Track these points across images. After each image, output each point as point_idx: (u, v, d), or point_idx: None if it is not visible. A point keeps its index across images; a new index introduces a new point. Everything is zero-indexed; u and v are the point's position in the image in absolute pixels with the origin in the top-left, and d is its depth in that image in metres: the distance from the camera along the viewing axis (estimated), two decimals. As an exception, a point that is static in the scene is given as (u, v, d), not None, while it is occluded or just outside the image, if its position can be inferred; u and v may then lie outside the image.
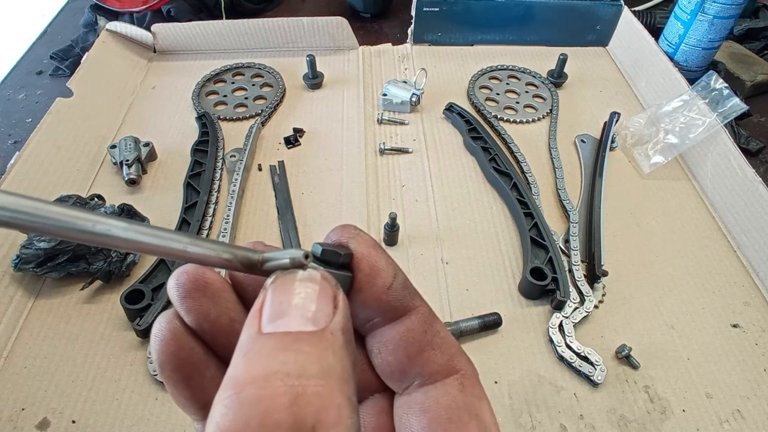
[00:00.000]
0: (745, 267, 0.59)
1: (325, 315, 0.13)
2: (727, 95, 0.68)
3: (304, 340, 0.12)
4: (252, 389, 0.10)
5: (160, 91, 0.82)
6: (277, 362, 0.11)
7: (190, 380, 0.16)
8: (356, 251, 0.16)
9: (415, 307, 0.16)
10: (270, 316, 0.12)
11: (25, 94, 0.84)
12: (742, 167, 0.61)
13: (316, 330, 0.12)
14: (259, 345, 0.12)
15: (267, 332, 0.12)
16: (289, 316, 0.12)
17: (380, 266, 0.16)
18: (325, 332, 0.12)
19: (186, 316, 0.16)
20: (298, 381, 0.10)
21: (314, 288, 0.13)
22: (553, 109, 0.78)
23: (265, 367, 0.11)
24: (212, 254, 0.14)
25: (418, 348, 0.16)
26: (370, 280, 0.16)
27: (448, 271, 0.58)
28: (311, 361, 0.11)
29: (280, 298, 0.13)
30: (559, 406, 0.48)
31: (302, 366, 0.11)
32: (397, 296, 0.16)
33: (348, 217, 0.63)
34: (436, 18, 0.88)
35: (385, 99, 0.77)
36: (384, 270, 0.16)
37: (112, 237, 0.13)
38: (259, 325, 0.12)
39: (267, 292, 0.14)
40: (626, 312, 0.55)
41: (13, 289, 0.54)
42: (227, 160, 0.69)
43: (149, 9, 0.93)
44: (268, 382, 0.10)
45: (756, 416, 0.47)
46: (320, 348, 0.12)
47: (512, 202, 0.63)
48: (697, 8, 0.80)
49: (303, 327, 0.12)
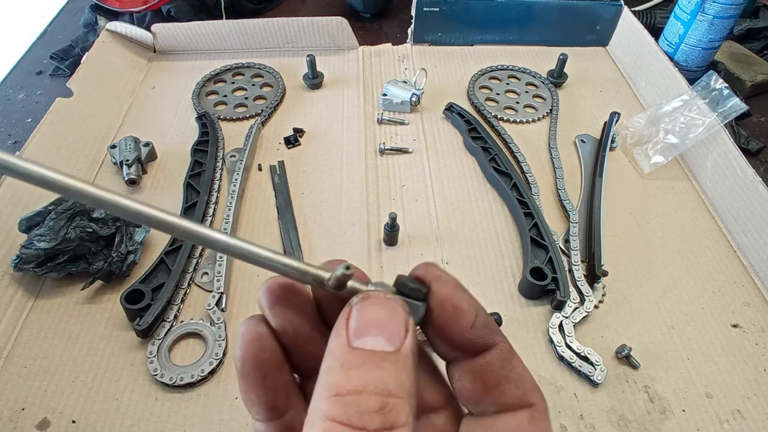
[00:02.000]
0: (745, 267, 0.59)
1: (400, 337, 0.15)
2: (727, 95, 0.68)
3: (387, 359, 0.15)
4: (353, 396, 0.14)
5: (160, 91, 0.82)
6: (369, 377, 0.14)
7: (266, 380, 0.18)
8: (440, 292, 0.18)
9: (495, 344, 0.18)
10: (355, 332, 0.15)
11: (25, 94, 0.84)
12: (742, 167, 0.61)
13: (393, 351, 0.15)
14: (351, 358, 0.15)
15: (356, 347, 0.15)
16: (372, 336, 0.15)
17: (463, 306, 0.18)
18: (399, 354, 0.15)
19: (273, 320, 0.18)
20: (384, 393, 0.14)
21: (391, 311, 0.16)
22: (553, 109, 0.78)
23: (361, 380, 0.14)
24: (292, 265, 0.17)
25: (495, 380, 0.18)
26: (453, 319, 0.18)
27: (448, 270, 0.58)
28: (392, 378, 0.14)
29: (363, 315, 0.16)
30: (559, 406, 0.48)
31: (386, 382, 0.14)
32: (479, 334, 0.18)
33: (348, 217, 0.63)
34: (436, 18, 0.88)
35: (385, 99, 0.77)
36: (466, 310, 0.18)
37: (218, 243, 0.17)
38: (347, 338, 0.15)
39: (352, 308, 0.16)
40: (626, 312, 0.55)
41: (13, 289, 0.54)
42: (227, 160, 0.69)
43: (149, 9, 0.93)
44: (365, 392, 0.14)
45: (756, 416, 0.47)
46: (397, 367, 0.15)
47: (512, 202, 0.63)
48: (697, 8, 0.80)
49: (384, 347, 0.15)
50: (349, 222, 0.63)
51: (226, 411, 0.47)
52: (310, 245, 0.60)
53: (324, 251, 0.60)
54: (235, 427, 0.46)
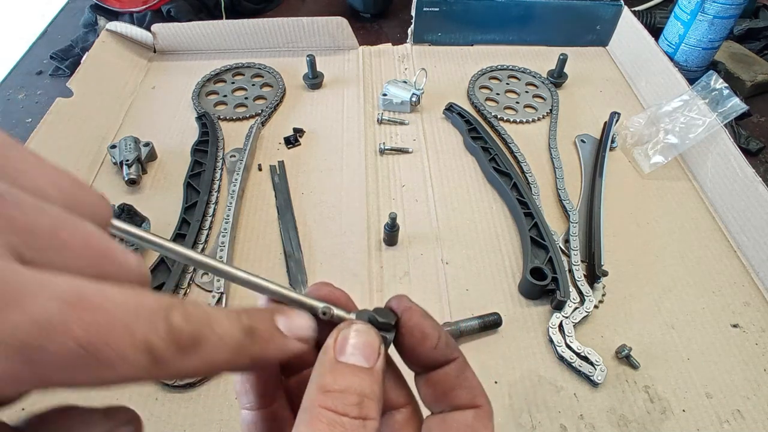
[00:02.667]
0: (745, 267, 0.59)
1: (374, 358, 0.20)
2: (727, 95, 0.68)
3: (364, 372, 0.20)
4: (339, 393, 0.19)
5: (160, 91, 0.82)
6: (351, 382, 0.19)
7: (261, 373, 0.22)
8: (410, 321, 0.22)
9: (454, 358, 0.23)
10: (340, 350, 0.20)
11: (25, 94, 0.84)
12: (742, 167, 0.61)
13: (369, 367, 0.20)
14: (337, 368, 0.20)
15: (341, 361, 0.20)
16: (353, 355, 0.20)
17: (428, 332, 0.22)
18: (373, 369, 0.20)
19: None
20: (361, 394, 0.19)
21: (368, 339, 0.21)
22: (553, 109, 0.78)
23: (345, 383, 0.19)
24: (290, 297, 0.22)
25: (450, 387, 0.22)
26: (421, 342, 0.22)
27: (448, 271, 0.58)
28: (367, 385, 0.20)
29: (347, 340, 0.21)
30: (559, 406, 0.48)
31: (363, 387, 0.19)
32: (441, 353, 0.22)
33: (348, 217, 0.63)
34: (436, 18, 0.88)
35: (385, 99, 0.77)
36: (431, 335, 0.22)
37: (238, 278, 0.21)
38: (335, 354, 0.20)
39: (339, 333, 0.21)
40: (626, 312, 0.55)
41: (13, 289, 0.54)
42: (227, 160, 0.69)
43: (149, 9, 0.93)
44: (347, 392, 0.19)
45: (756, 416, 0.47)
46: (371, 379, 0.20)
47: (512, 202, 0.63)
48: (697, 8, 0.80)
49: (362, 364, 0.20)
50: (349, 222, 0.63)
51: (226, 411, 0.47)
52: (310, 245, 0.60)
53: (324, 251, 0.60)
54: (235, 427, 0.46)
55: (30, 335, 0.13)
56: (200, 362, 0.17)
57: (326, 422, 0.18)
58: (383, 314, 0.22)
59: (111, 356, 0.15)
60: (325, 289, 0.23)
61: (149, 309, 0.16)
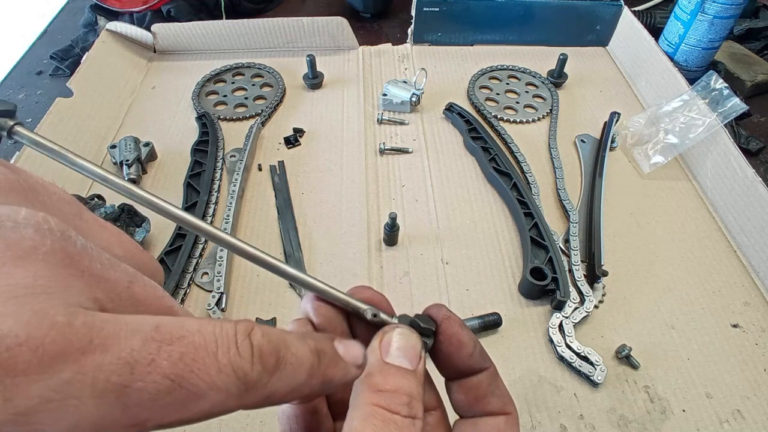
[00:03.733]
0: (745, 267, 0.59)
1: (416, 361, 0.22)
2: (727, 95, 0.68)
3: (410, 374, 0.21)
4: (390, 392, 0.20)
5: (160, 91, 0.82)
6: (400, 383, 0.21)
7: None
8: (449, 330, 0.24)
9: (487, 367, 0.24)
10: (386, 352, 0.21)
11: (25, 94, 0.84)
12: (742, 167, 0.61)
13: (412, 369, 0.21)
14: (386, 368, 0.21)
15: (388, 362, 0.21)
16: (398, 356, 0.21)
17: (464, 341, 0.24)
18: (416, 371, 0.21)
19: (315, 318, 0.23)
20: (409, 395, 0.20)
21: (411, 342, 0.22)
22: (553, 109, 0.78)
23: (395, 383, 0.20)
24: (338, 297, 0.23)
25: (483, 394, 0.24)
26: (458, 350, 0.24)
27: (448, 271, 0.58)
28: (413, 386, 0.21)
29: (392, 342, 0.22)
30: (559, 406, 0.48)
31: (410, 388, 0.21)
32: (475, 361, 0.24)
33: (348, 217, 0.63)
34: (436, 18, 0.88)
35: (385, 99, 0.77)
36: (467, 344, 0.24)
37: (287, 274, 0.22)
38: (381, 354, 0.21)
39: (384, 335, 0.22)
40: (626, 312, 0.55)
41: (13, 289, 0.54)
42: (227, 160, 0.69)
43: (149, 9, 0.93)
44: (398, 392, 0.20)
45: (756, 416, 0.47)
46: (416, 380, 0.21)
47: (512, 202, 0.63)
48: (697, 8, 0.80)
49: (407, 365, 0.21)
50: (349, 222, 0.63)
51: (226, 411, 0.47)
52: (310, 245, 0.60)
53: (324, 251, 0.60)
54: (236, 427, 0.46)
55: (119, 375, 0.13)
56: (285, 384, 0.17)
57: (380, 419, 0.19)
58: (424, 320, 0.24)
59: (199, 385, 0.15)
60: (366, 292, 0.24)
61: (229, 332, 0.16)
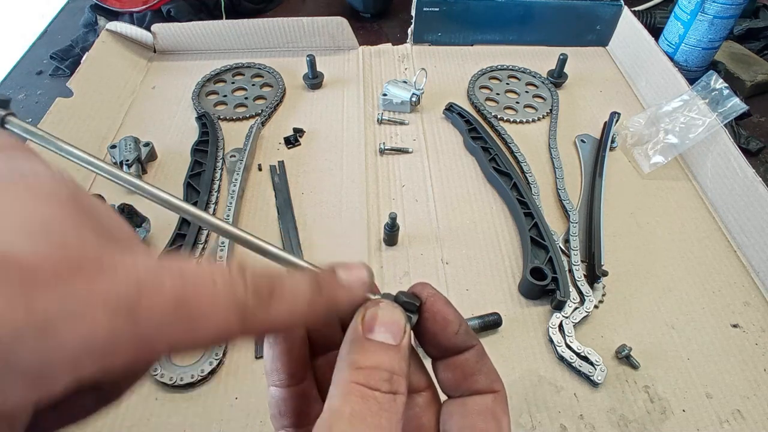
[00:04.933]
0: (745, 267, 0.59)
1: (400, 335, 0.21)
2: (727, 95, 0.68)
3: (391, 349, 0.20)
4: (370, 369, 0.20)
5: (160, 91, 0.82)
6: (381, 359, 0.20)
7: (291, 351, 0.24)
8: (434, 306, 0.23)
9: (473, 345, 0.24)
10: (368, 328, 0.21)
11: (25, 94, 0.84)
12: (742, 167, 0.61)
13: (396, 344, 0.21)
14: (366, 345, 0.20)
15: (369, 338, 0.21)
16: (381, 332, 0.21)
17: (450, 318, 0.23)
18: (400, 346, 0.21)
19: None
20: (391, 370, 0.20)
21: (394, 317, 0.22)
22: (553, 109, 0.78)
23: (376, 360, 0.20)
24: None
25: (470, 372, 0.23)
26: (443, 328, 0.23)
27: (448, 271, 0.58)
28: (395, 362, 0.20)
29: (375, 317, 0.21)
30: (559, 406, 0.48)
31: (392, 363, 0.20)
32: (461, 339, 0.23)
33: (348, 217, 0.63)
34: (436, 18, 0.88)
35: (385, 99, 0.77)
36: (453, 321, 0.23)
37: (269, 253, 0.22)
38: (363, 331, 0.21)
39: (367, 311, 0.21)
40: (626, 312, 0.55)
41: (13, 289, 0.54)
42: (227, 160, 0.69)
43: (149, 9, 0.93)
44: (378, 368, 0.20)
45: (756, 416, 0.47)
46: (399, 355, 0.21)
47: (512, 202, 0.63)
48: (697, 8, 0.80)
49: (389, 341, 0.21)
50: (349, 222, 0.63)
51: (226, 411, 0.47)
52: (310, 245, 0.60)
53: (324, 251, 0.60)
54: (235, 427, 0.46)
55: (129, 294, 0.15)
56: (285, 312, 0.18)
57: (359, 396, 0.19)
58: (408, 297, 0.23)
59: (202, 309, 0.16)
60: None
61: (223, 269, 0.17)
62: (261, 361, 0.50)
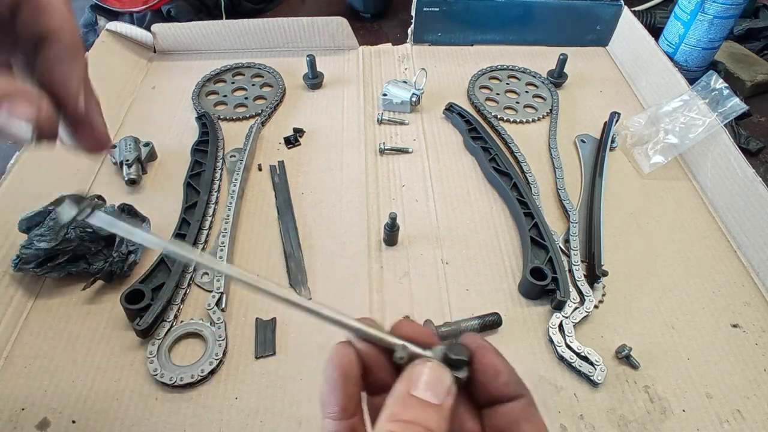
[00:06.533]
0: (745, 267, 0.59)
1: (443, 395, 0.23)
2: (727, 95, 0.68)
3: (432, 408, 0.22)
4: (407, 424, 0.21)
5: (160, 91, 0.82)
6: (418, 415, 0.22)
7: (346, 386, 0.25)
8: (484, 358, 0.25)
9: (522, 395, 0.25)
10: (414, 385, 0.23)
11: (25, 94, 0.84)
12: (742, 167, 0.61)
13: (437, 403, 0.22)
14: (408, 400, 0.22)
15: (413, 394, 0.22)
16: (424, 390, 0.22)
17: (500, 368, 0.24)
18: (441, 406, 0.22)
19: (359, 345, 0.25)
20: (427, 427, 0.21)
21: (440, 377, 0.23)
22: (553, 109, 0.78)
23: (414, 415, 0.22)
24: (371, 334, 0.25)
25: (516, 420, 0.24)
26: (494, 378, 0.24)
27: (448, 271, 0.58)
28: (433, 420, 0.22)
29: (421, 375, 0.23)
30: (559, 406, 0.48)
31: (429, 421, 0.22)
32: (512, 389, 0.24)
33: (348, 217, 0.63)
34: (436, 18, 0.88)
35: (385, 99, 0.77)
36: (503, 371, 0.24)
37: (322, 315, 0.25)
38: (408, 387, 0.23)
39: (414, 368, 0.23)
40: (626, 312, 0.55)
41: (13, 289, 0.54)
42: (227, 160, 0.69)
43: (149, 9, 0.93)
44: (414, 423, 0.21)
45: (756, 416, 0.47)
46: (438, 414, 0.22)
47: (512, 202, 0.63)
48: (697, 8, 0.80)
49: (432, 400, 0.22)
50: (349, 222, 0.63)
51: (226, 411, 0.47)
52: (310, 245, 0.60)
53: (324, 251, 0.60)
54: (236, 427, 0.46)
55: None
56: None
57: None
58: (457, 351, 0.24)
59: None
60: (407, 327, 0.25)
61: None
62: (261, 361, 0.50)
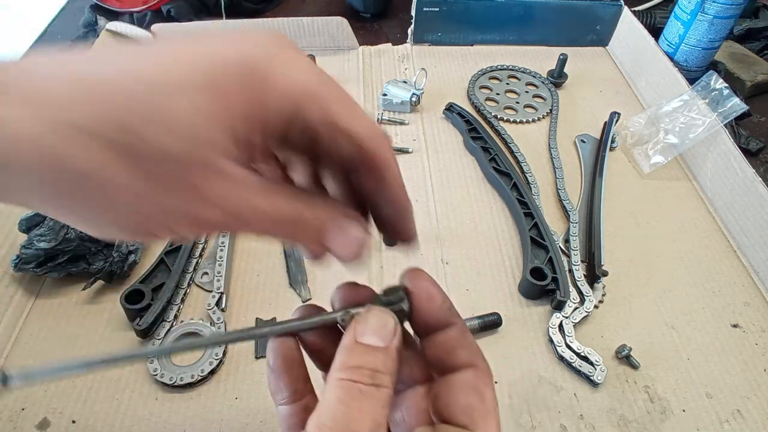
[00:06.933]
0: (745, 267, 0.59)
1: (389, 338, 0.23)
2: (727, 95, 0.68)
3: (379, 351, 0.23)
4: (355, 368, 0.22)
5: (160, 91, 0.81)
6: (365, 359, 0.22)
7: (290, 371, 0.26)
8: (419, 284, 0.26)
9: (456, 322, 0.26)
10: (359, 333, 0.23)
11: (25, 94, 0.84)
12: (742, 167, 0.61)
13: (384, 346, 0.23)
14: (354, 348, 0.23)
15: (359, 341, 0.23)
16: (369, 336, 0.23)
17: (433, 293, 0.26)
18: (388, 348, 0.23)
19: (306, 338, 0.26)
20: (374, 369, 0.22)
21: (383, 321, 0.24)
22: (553, 109, 0.78)
23: (360, 360, 0.22)
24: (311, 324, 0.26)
25: (452, 347, 0.25)
26: (427, 303, 0.25)
27: (448, 271, 0.58)
28: (380, 362, 0.22)
29: (364, 323, 0.24)
30: (559, 406, 0.48)
31: (376, 363, 0.22)
32: (444, 314, 0.26)
33: (348, 217, 0.63)
34: (436, 18, 0.88)
35: (385, 99, 0.77)
36: (436, 296, 0.26)
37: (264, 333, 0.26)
38: (354, 336, 0.23)
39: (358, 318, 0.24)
40: (626, 312, 0.55)
41: (13, 289, 0.54)
42: (227, 160, 0.69)
43: (149, 9, 0.93)
44: (363, 367, 0.22)
45: (756, 416, 0.47)
46: (386, 356, 0.23)
47: (512, 202, 0.63)
48: (697, 8, 0.80)
49: (378, 343, 0.23)
50: (349, 222, 0.63)
51: (226, 411, 0.47)
52: (310, 245, 0.60)
53: (324, 251, 0.59)
54: (235, 427, 0.46)
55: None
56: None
57: (344, 389, 0.21)
58: (393, 290, 0.25)
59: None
60: (347, 291, 0.27)
61: None
62: (261, 361, 0.50)
